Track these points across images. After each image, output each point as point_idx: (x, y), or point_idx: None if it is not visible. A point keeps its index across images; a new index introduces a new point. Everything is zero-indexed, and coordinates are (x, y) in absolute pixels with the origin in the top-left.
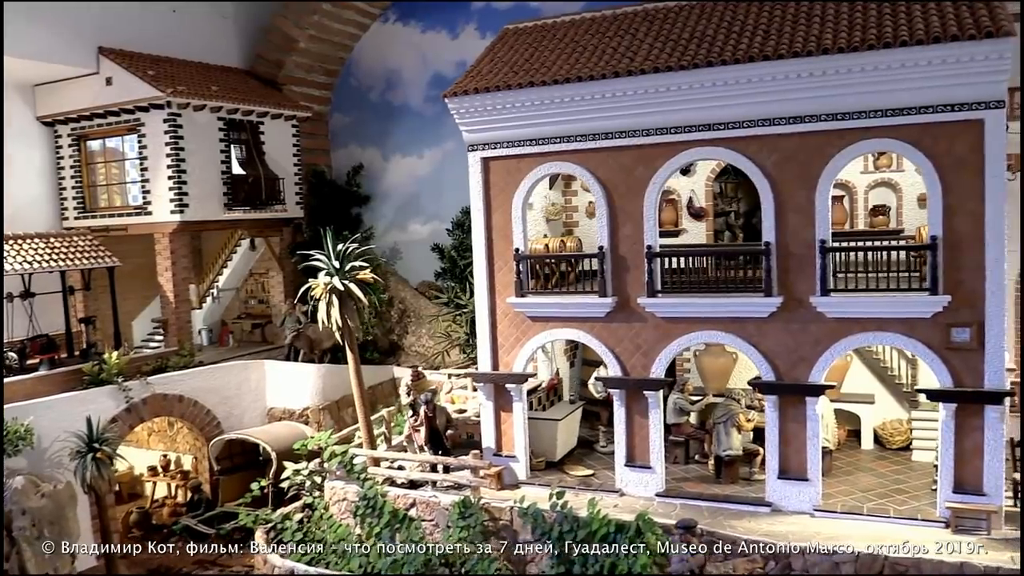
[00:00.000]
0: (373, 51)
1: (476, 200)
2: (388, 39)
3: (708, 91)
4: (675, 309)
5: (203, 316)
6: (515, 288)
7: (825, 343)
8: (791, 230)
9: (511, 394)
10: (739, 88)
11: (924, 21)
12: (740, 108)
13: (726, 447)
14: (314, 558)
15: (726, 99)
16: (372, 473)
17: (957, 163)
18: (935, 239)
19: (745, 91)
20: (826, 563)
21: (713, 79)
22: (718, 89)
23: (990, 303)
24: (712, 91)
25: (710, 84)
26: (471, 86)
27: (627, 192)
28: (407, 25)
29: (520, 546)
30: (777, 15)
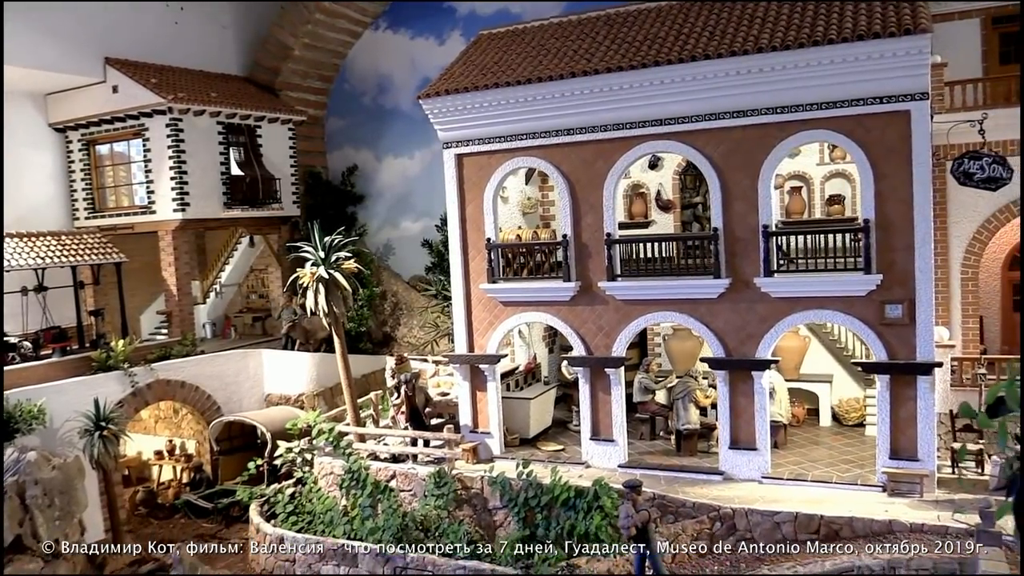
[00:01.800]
0: (365, 57)
1: (451, 194)
2: (379, 46)
3: (658, 88)
4: (633, 292)
5: (207, 310)
6: (487, 275)
7: (770, 321)
8: (737, 216)
9: (485, 375)
10: (686, 85)
11: (853, 20)
12: (688, 104)
13: (684, 421)
14: (303, 527)
15: (675, 96)
16: (357, 449)
17: (887, 151)
18: (867, 222)
19: (691, 88)
20: (768, 523)
21: (661, 77)
22: (667, 86)
23: (920, 281)
24: (661, 88)
25: (659, 82)
26: (443, 88)
27: (588, 184)
28: (397, 32)
29: (490, 512)
30: (724, 17)
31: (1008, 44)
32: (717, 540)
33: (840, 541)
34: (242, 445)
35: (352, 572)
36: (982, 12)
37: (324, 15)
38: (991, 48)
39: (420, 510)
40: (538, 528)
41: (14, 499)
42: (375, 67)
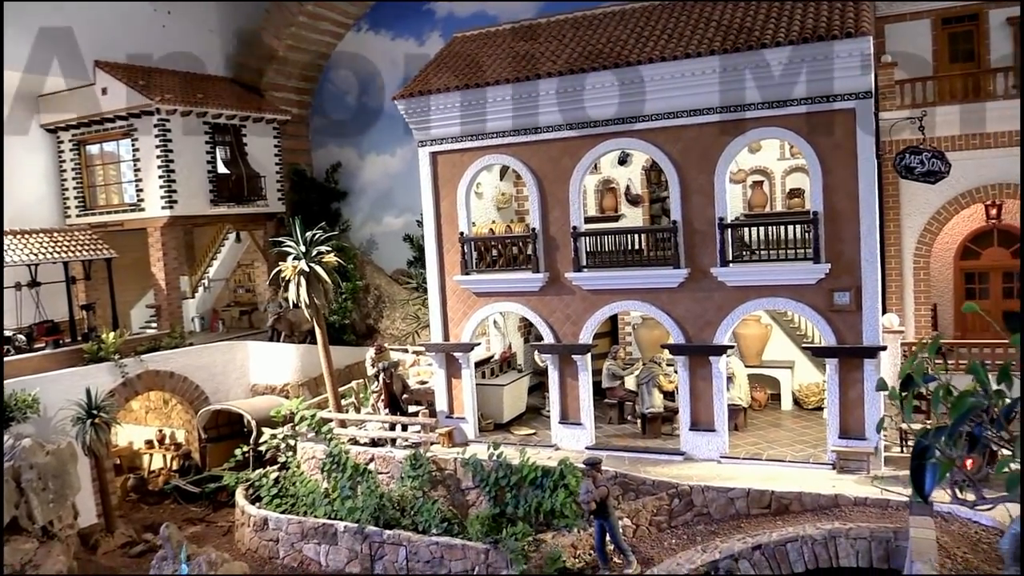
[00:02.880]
0: (348, 58)
1: (426, 190)
2: (362, 47)
3: (619, 89)
4: (598, 282)
5: (196, 305)
6: (461, 267)
7: (727, 308)
8: (695, 210)
9: (460, 362)
10: (645, 86)
11: (801, 23)
12: (648, 103)
13: (648, 405)
14: (287, 509)
15: (635, 95)
16: (338, 434)
17: (834, 147)
18: (816, 214)
19: (650, 88)
20: (723, 499)
21: (622, 78)
22: (627, 87)
23: (866, 270)
24: (622, 89)
25: (620, 83)
26: (416, 89)
27: (555, 180)
28: (378, 34)
29: (463, 492)
30: (682, 20)
31: (957, 43)
32: (676, 515)
33: (790, 515)
34: (229, 433)
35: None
36: (932, 13)
37: (307, 17)
38: (941, 48)
39: (397, 491)
40: (508, 506)
41: (10, 483)
42: (358, 67)
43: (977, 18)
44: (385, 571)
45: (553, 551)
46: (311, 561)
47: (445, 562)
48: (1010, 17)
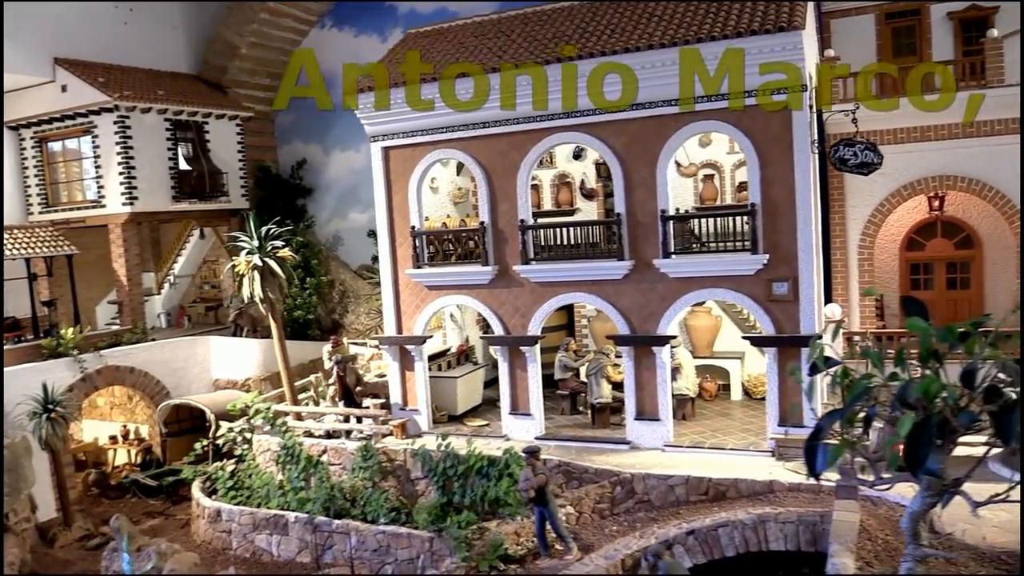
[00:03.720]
0: None
1: (378, 185)
2: (325, 44)
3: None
4: (545, 274)
5: (162, 301)
6: (412, 261)
7: (670, 299)
8: (638, 202)
9: (413, 355)
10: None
11: (737, 18)
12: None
13: (597, 396)
14: (242, 501)
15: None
16: (294, 427)
17: (771, 140)
18: (754, 206)
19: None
20: (663, 486)
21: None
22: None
23: (802, 260)
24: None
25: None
26: (367, 85)
27: (503, 174)
28: (342, 30)
29: (412, 482)
30: (626, 15)
31: (899, 38)
32: (618, 503)
33: (726, 501)
34: (190, 428)
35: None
36: (876, 8)
37: (269, 14)
38: (885, 42)
39: (348, 482)
40: (455, 495)
41: None
42: (322, 64)
43: (919, 13)
44: (334, 560)
45: (496, 538)
46: (263, 551)
47: (391, 550)
48: (950, 12)
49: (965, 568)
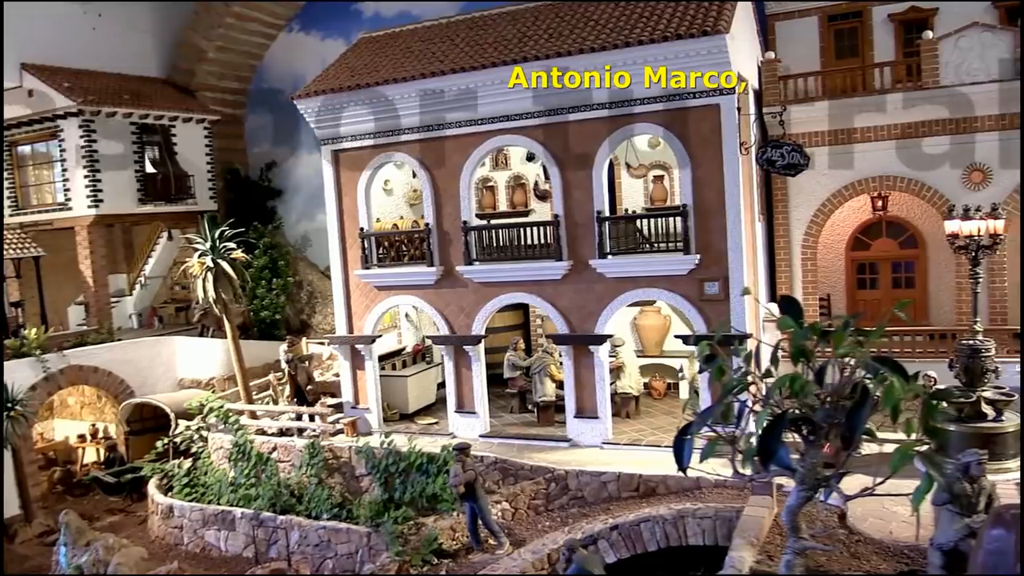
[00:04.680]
0: (281, 58)
1: (329, 187)
2: (293, 47)
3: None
4: (488, 275)
5: (133, 302)
6: (361, 262)
7: (607, 299)
8: (576, 204)
9: (363, 354)
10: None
11: (668, 22)
12: (529, 100)
13: (541, 394)
14: (196, 498)
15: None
16: (248, 425)
17: (701, 142)
18: (685, 207)
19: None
20: (596, 483)
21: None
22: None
23: (732, 260)
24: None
25: (500, 81)
26: (314, 89)
27: (447, 176)
28: (309, 34)
29: (357, 479)
30: (566, 19)
31: (842, 40)
32: (553, 499)
33: (656, 497)
34: (154, 426)
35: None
36: (819, 10)
37: (235, 19)
38: (828, 44)
39: (294, 478)
40: (396, 491)
41: None
42: (290, 67)
43: (861, 16)
44: (278, 555)
45: (430, 533)
46: (212, 547)
47: (332, 545)
48: (891, 14)
49: (867, 562)
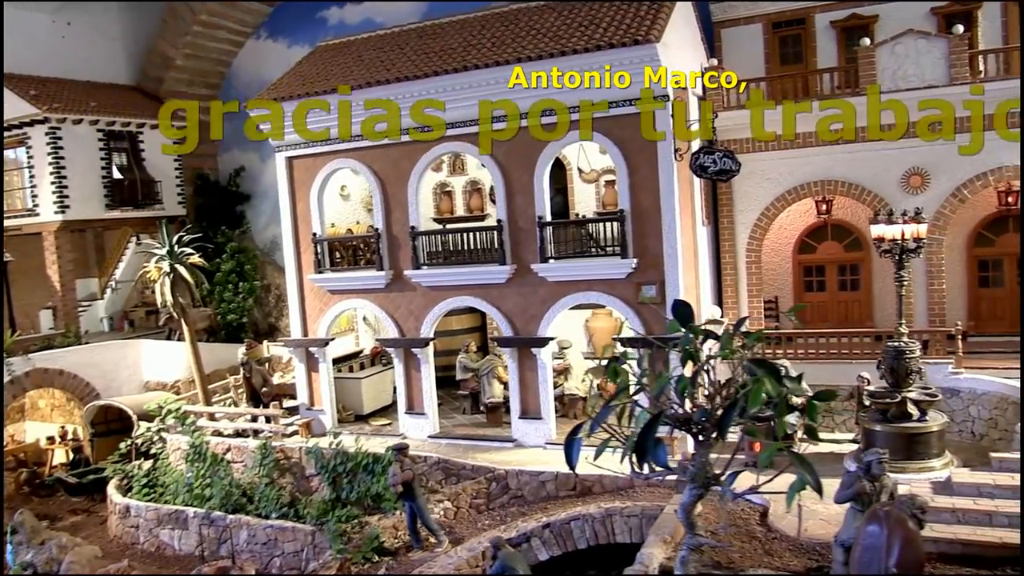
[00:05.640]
0: (249, 65)
1: (283, 193)
2: (261, 54)
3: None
4: (435, 279)
5: (104, 306)
6: (314, 266)
7: (549, 302)
8: (519, 209)
9: (317, 357)
10: (467, 91)
11: (604, 30)
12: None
13: (489, 395)
14: (155, 498)
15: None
16: (204, 426)
17: (638, 149)
18: (623, 212)
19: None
20: (535, 482)
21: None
22: (450, 93)
23: (668, 264)
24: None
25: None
26: (266, 97)
27: (396, 182)
28: (276, 41)
29: (307, 479)
30: (510, 28)
31: (786, 46)
32: (494, 498)
33: (591, 496)
34: (119, 428)
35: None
36: (764, 17)
37: (202, 27)
38: (772, 50)
39: (246, 479)
40: (343, 491)
41: None
42: (258, 74)
43: (804, 22)
44: (228, 553)
45: (372, 531)
46: (166, 545)
47: (279, 544)
48: (833, 21)
49: (780, 558)
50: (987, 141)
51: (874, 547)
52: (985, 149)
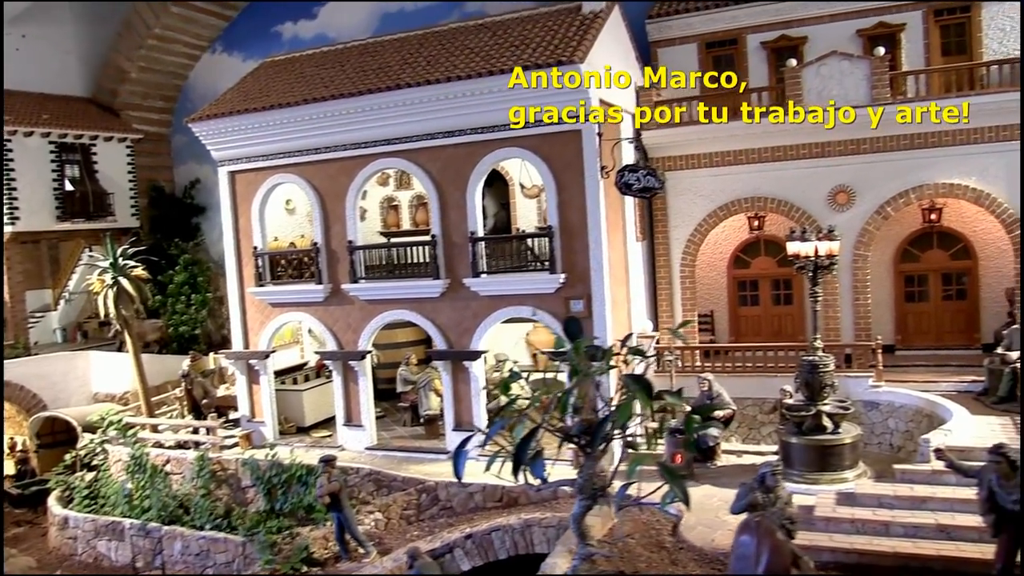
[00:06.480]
0: (206, 78)
1: (225, 207)
2: (217, 68)
3: (379, 112)
4: (372, 292)
5: (58, 317)
6: (255, 279)
7: (481, 316)
8: (453, 224)
9: (258, 369)
10: (400, 109)
11: (532, 51)
12: (408, 125)
13: (426, 408)
14: (96, 510)
15: (393, 118)
16: (145, 438)
17: (565, 166)
18: (551, 228)
19: (406, 111)
20: (463, 494)
21: (378, 103)
22: (384, 111)
23: (595, 279)
24: (381, 112)
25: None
26: (207, 113)
27: (335, 197)
28: (232, 55)
29: (243, 490)
30: (446, 47)
31: (720, 66)
32: (424, 509)
33: (517, 507)
34: (66, 439)
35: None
36: (698, 37)
37: (157, 40)
38: (706, 69)
39: (183, 490)
40: (278, 502)
41: None
42: (214, 87)
43: (737, 43)
44: (162, 564)
45: (301, 542)
46: (103, 556)
47: (211, 554)
48: (763, 41)
49: (684, 567)
50: (909, 159)
51: (745, 556)
52: (907, 167)
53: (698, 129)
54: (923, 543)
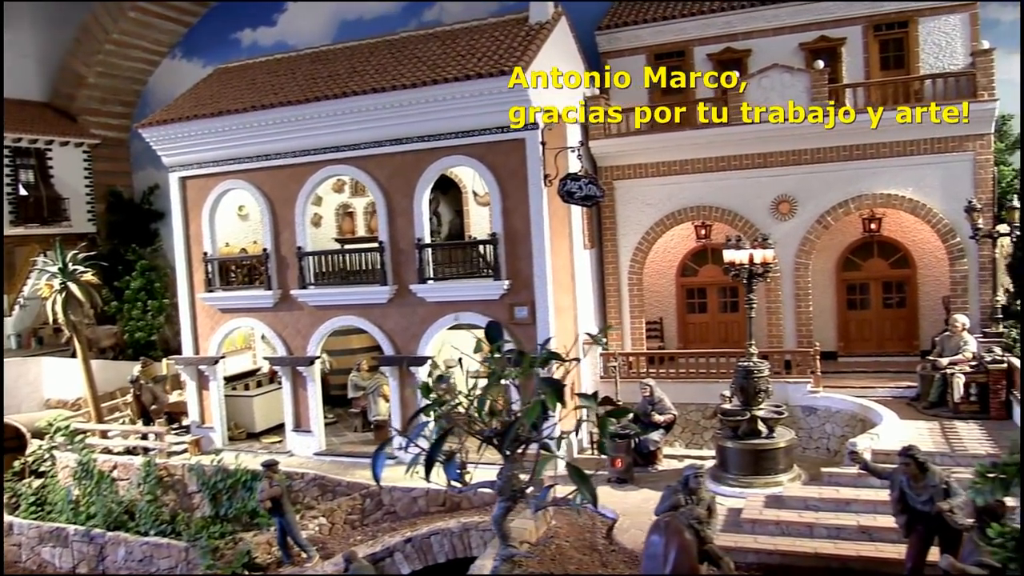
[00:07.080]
0: (165, 84)
1: (176, 212)
2: (176, 74)
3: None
4: (320, 298)
5: (12, 323)
6: (205, 285)
7: (428, 322)
8: (400, 231)
9: (208, 375)
10: (347, 117)
11: (477, 60)
12: (356, 132)
13: (375, 413)
14: (42, 516)
15: (341, 125)
16: (93, 444)
17: (510, 174)
18: (495, 235)
19: (354, 119)
20: (407, 498)
21: (326, 110)
22: (331, 118)
23: (538, 286)
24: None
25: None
26: (156, 119)
27: (285, 203)
28: (191, 61)
29: (189, 496)
30: (396, 55)
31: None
32: (368, 514)
33: (460, 511)
34: (16, 446)
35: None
36: (646, 49)
37: (114, 46)
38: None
39: (129, 496)
40: (223, 508)
41: None
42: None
43: (684, 55)
44: (105, 570)
45: (243, 547)
46: (47, 563)
47: (154, 560)
48: (709, 54)
49: (614, 569)
50: (849, 170)
51: (655, 555)
52: (846, 178)
53: (645, 139)
54: (844, 544)
